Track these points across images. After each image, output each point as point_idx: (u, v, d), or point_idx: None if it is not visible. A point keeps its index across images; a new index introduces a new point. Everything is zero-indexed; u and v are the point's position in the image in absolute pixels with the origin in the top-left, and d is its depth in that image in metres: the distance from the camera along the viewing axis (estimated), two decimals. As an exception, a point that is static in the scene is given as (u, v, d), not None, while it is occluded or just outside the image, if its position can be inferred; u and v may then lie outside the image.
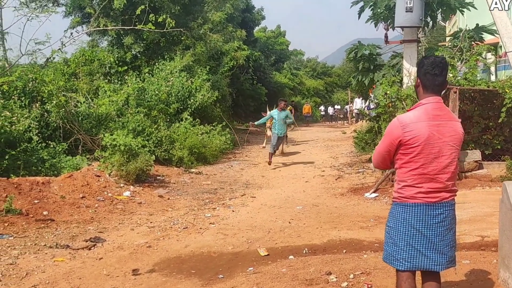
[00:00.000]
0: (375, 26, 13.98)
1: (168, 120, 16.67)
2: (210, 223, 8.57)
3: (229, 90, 25.89)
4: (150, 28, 15.37)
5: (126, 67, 19.75)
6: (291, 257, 6.46)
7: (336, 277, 5.25)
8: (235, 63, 27.06)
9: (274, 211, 9.43)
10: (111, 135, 11.94)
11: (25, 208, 8.67)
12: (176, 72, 19.03)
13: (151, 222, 8.70)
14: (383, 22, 13.47)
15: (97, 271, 6.27)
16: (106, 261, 6.65)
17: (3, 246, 7.11)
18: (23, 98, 13.15)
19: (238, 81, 30.33)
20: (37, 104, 13.01)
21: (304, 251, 6.70)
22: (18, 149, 10.77)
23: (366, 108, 22.84)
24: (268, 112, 16.94)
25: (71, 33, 17.24)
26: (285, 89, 42.51)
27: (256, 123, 17.00)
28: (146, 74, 18.85)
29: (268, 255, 6.65)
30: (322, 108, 53.12)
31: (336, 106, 50.87)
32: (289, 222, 8.43)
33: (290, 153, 18.46)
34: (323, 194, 10.90)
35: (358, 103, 31.75)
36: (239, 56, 27.89)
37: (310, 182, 12.47)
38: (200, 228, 8.24)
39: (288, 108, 17.51)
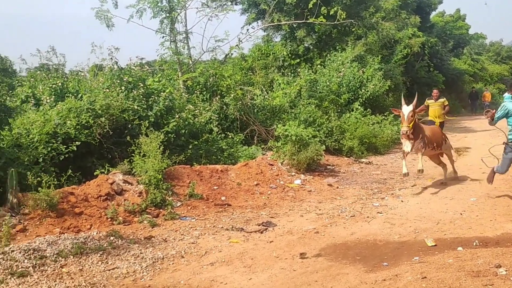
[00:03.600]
0: None
1: (339, 110, 16.84)
2: (377, 212, 8.58)
3: (402, 78, 25.20)
4: (321, 21, 15.67)
5: (298, 60, 20.35)
6: (459, 248, 6.24)
7: (505, 270, 4.98)
8: (409, 50, 26.22)
9: (445, 202, 9.11)
10: (283, 126, 12.47)
11: (205, 193, 9.53)
12: (348, 62, 19.12)
13: (319, 210, 8.97)
14: None
15: (267, 253, 6.69)
16: (276, 244, 7.05)
17: (187, 227, 7.93)
18: (204, 92, 14.35)
19: (412, 69, 29.31)
20: (217, 98, 14.06)
21: (474, 243, 6.42)
22: (200, 139, 11.78)
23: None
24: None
25: (247, 30, 18.27)
26: (465, 76, 39.97)
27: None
28: (318, 66, 19.24)
29: (435, 245, 6.50)
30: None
31: (523, 92, 46.30)
32: (461, 214, 8.10)
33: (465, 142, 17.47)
34: (501, 185, 10.18)
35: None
36: (414, 43, 26.93)
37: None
38: (367, 217, 8.30)
39: (443, 100, 14.06)
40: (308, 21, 16.62)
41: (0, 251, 6.16)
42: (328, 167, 12.83)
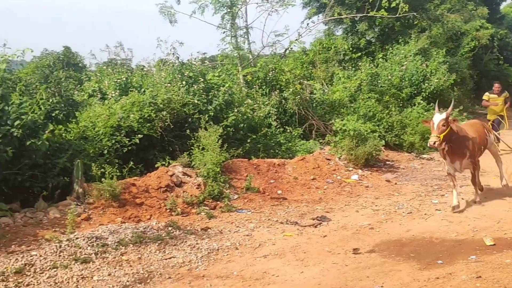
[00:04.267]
0: None
1: (400, 105, 16.52)
2: (436, 210, 8.43)
3: (469, 72, 24.40)
4: (383, 15, 15.47)
5: (359, 53, 20.14)
6: (519, 248, 6.09)
7: None
8: (477, 43, 25.32)
9: (509, 200, 8.80)
10: (342, 120, 12.42)
11: (262, 186, 9.67)
12: (411, 55, 18.72)
13: (376, 205, 8.92)
14: None
15: (320, 247, 6.75)
16: (330, 239, 7.09)
17: (242, 219, 8.11)
18: (264, 86, 14.48)
19: (481, 62, 28.30)
20: (276, 92, 14.15)
21: (536, 244, 6.24)
22: (259, 133, 11.93)
23: None
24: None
25: (307, 24, 18.24)
26: (539, 69, 38.18)
27: None
28: (380, 60, 18.95)
29: (494, 245, 6.34)
30: None
31: None
32: (524, 213, 7.84)
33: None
34: None
35: None
36: (482, 35, 25.91)
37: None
38: (425, 214, 8.18)
39: (505, 94, 13.28)
40: (369, 15, 16.45)
41: (66, 238, 6.53)
42: (387, 162, 12.69)
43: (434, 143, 7.72)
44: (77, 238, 6.50)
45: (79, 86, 13.49)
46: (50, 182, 8.22)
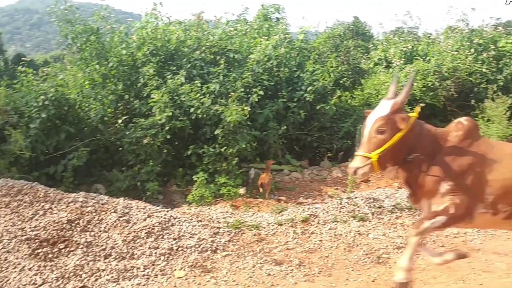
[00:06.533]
0: None
1: None
2: None
3: None
4: None
5: None
6: None
7: None
8: None
9: None
10: None
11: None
12: None
13: None
14: None
15: None
16: None
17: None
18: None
19: None
20: None
21: None
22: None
23: None
24: None
25: None
26: None
27: None
28: None
29: None
30: None
31: None
32: None
33: None
34: None
35: None
36: None
37: None
38: None
39: None
40: None
41: (346, 196, 7.10)
42: None
43: (355, 171, 3.51)
44: (356, 198, 7.00)
45: (366, 54, 13.99)
46: (335, 144, 8.97)
